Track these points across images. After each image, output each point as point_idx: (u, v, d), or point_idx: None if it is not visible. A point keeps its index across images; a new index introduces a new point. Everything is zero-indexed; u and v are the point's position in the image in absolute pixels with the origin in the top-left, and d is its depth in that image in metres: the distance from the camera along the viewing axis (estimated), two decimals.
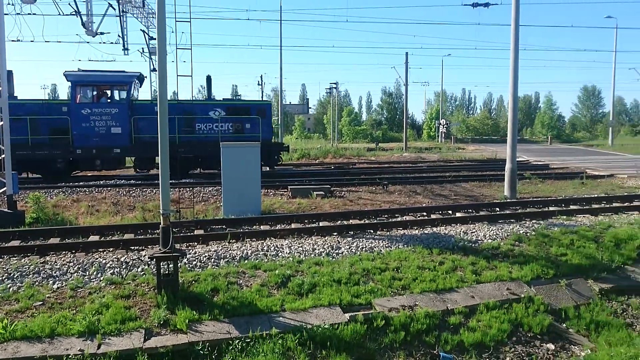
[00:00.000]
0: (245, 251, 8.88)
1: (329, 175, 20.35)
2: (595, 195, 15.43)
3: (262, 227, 10.82)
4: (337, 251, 9.15)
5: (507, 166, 15.15)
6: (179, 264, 7.59)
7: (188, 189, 14.96)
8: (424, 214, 12.50)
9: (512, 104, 15.26)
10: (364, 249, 9.30)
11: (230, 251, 8.84)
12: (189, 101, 19.78)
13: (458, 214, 12.35)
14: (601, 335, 7.55)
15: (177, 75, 8.84)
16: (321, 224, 11.08)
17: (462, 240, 9.96)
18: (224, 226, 10.84)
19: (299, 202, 13.81)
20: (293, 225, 10.89)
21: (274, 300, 7.12)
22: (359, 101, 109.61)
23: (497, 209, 13.29)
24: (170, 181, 7.60)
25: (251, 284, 7.59)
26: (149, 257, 7.96)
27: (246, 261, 8.43)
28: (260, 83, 54.93)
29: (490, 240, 10.07)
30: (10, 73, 17.86)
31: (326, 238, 9.89)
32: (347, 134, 74.62)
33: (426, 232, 10.55)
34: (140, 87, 20.12)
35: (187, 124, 18.41)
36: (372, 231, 10.56)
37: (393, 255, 8.99)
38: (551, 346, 7.24)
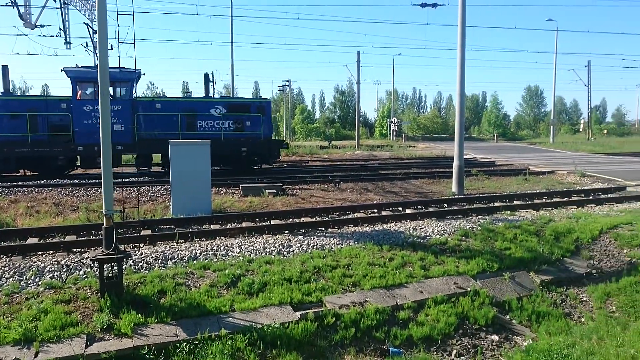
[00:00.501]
0: (194, 251, 8.69)
1: (281, 173, 20.30)
2: (537, 191, 16.11)
3: (212, 226, 10.63)
4: (288, 249, 9.11)
5: (455, 163, 15.56)
6: (124, 266, 7.35)
7: (135, 188, 14.50)
8: (375, 210, 12.65)
9: (459, 103, 15.67)
10: (315, 247, 9.29)
11: (178, 252, 8.62)
12: (191, 99, 19.82)
13: (408, 211, 12.57)
14: (542, 325, 7.87)
15: (120, 70, 8.49)
16: (272, 222, 11.00)
17: (411, 236, 10.14)
18: (172, 226, 10.59)
19: (251, 200, 13.66)
20: (244, 224, 10.77)
21: (224, 301, 7.00)
22: (312, 99, 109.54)
23: (445, 205, 13.63)
24: (115, 180, 7.33)
25: (200, 285, 7.43)
26: (90, 260, 7.67)
27: (195, 261, 8.25)
28: (211, 80, 53.95)
29: (438, 236, 10.30)
30: (5, 68, 16.92)
31: (277, 236, 9.83)
32: (300, 132, 74.51)
33: (377, 228, 10.67)
34: (137, 83, 19.59)
35: (189, 121, 18.29)
36: (323, 229, 10.58)
37: (344, 252, 9.04)
38: (495, 337, 7.49)
